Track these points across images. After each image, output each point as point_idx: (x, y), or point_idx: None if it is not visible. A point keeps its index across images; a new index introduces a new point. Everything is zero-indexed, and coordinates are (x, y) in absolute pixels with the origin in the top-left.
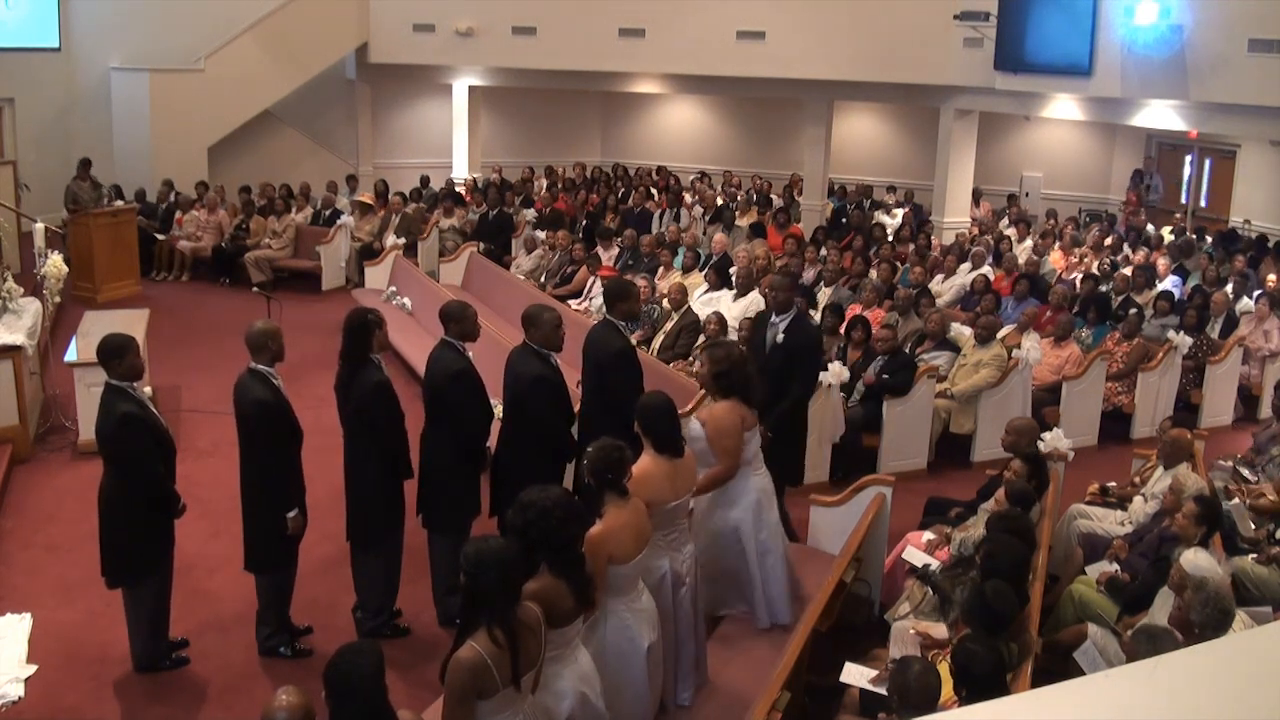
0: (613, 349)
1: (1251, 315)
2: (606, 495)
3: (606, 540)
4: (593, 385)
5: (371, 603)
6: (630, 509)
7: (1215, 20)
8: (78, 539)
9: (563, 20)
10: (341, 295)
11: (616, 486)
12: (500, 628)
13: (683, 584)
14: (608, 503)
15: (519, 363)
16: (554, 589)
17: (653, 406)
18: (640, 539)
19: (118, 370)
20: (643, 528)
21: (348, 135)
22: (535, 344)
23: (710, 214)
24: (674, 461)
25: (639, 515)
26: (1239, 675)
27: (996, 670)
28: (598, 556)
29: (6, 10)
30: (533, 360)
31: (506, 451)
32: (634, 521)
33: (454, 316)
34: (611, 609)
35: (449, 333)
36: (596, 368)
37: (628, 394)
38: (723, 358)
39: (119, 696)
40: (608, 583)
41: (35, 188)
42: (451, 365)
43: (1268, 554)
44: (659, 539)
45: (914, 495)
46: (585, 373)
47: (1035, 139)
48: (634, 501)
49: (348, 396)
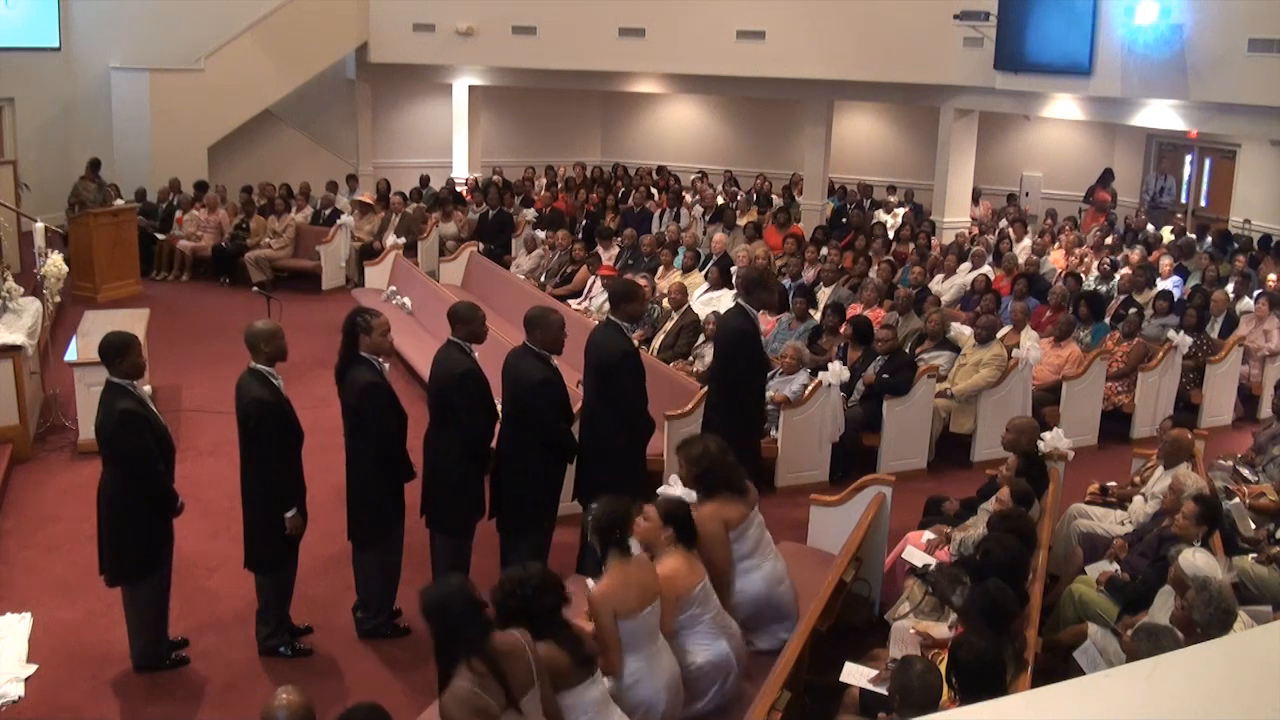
0: (617, 351)
1: (1251, 315)
2: (610, 552)
3: (609, 597)
4: (594, 387)
5: (372, 602)
6: (634, 565)
7: (1215, 20)
8: (78, 539)
9: (563, 20)
10: (341, 295)
11: (621, 544)
12: (477, 657)
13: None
14: (610, 560)
15: (520, 365)
16: (546, 651)
17: (682, 508)
18: (645, 593)
19: (119, 368)
20: (647, 582)
21: (348, 135)
22: (537, 346)
23: (710, 214)
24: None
25: (643, 570)
26: (1239, 675)
27: (992, 664)
28: (602, 614)
29: (6, 10)
30: (534, 363)
31: (508, 453)
32: (637, 576)
33: (463, 317)
34: (629, 667)
35: (456, 333)
36: (600, 370)
37: (631, 396)
38: (699, 456)
39: (119, 696)
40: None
41: (35, 188)
42: (458, 366)
43: (1268, 554)
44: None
45: (914, 495)
46: (587, 374)
47: (1035, 139)
48: (638, 557)
49: (343, 396)
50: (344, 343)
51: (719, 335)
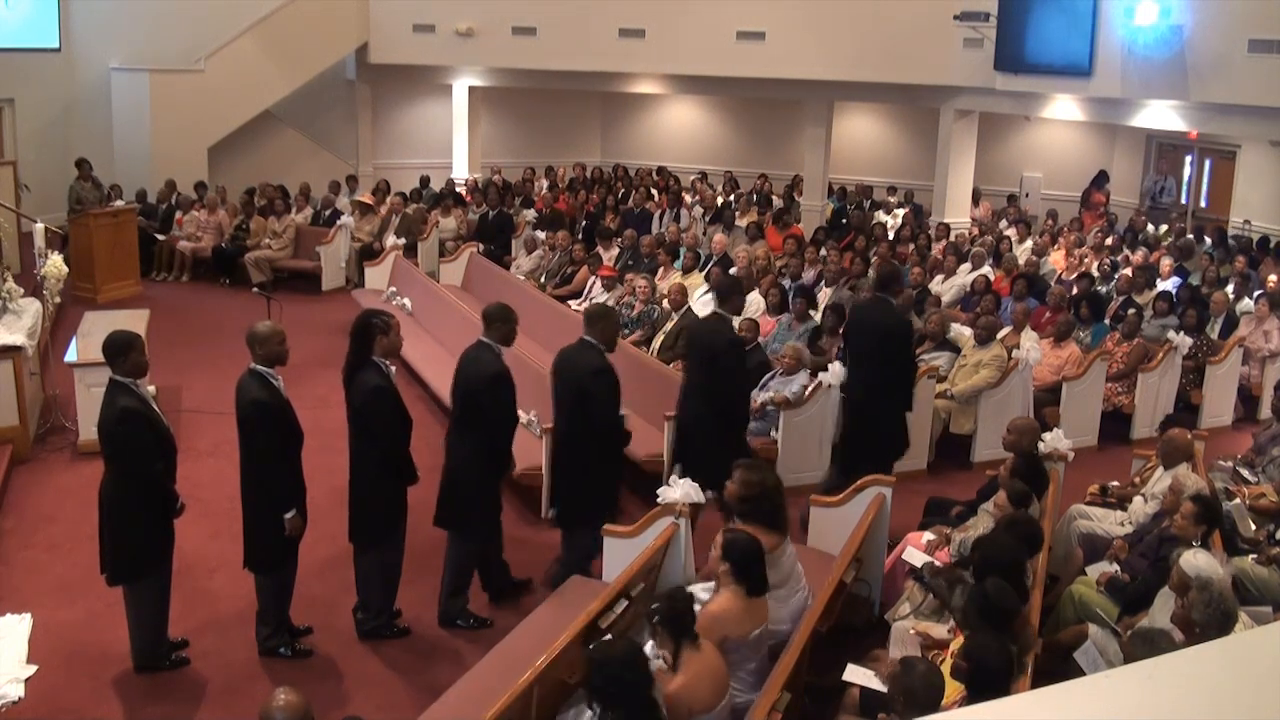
0: (724, 339)
1: (1252, 316)
2: (681, 644)
3: (687, 694)
4: (699, 376)
5: (372, 603)
6: (704, 655)
7: (1215, 20)
8: (78, 539)
9: (563, 20)
10: (341, 296)
11: (689, 633)
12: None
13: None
14: (683, 651)
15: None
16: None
17: (751, 550)
18: (719, 686)
19: (122, 367)
20: (719, 673)
21: (348, 136)
22: (596, 340)
23: (710, 214)
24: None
25: (714, 659)
26: (1239, 675)
27: (1010, 665)
28: (677, 712)
29: (6, 10)
30: (594, 355)
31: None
32: (711, 667)
33: (498, 318)
34: None
35: (489, 334)
36: (709, 356)
37: (738, 382)
38: (754, 483)
39: (119, 696)
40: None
41: (35, 188)
42: (489, 368)
43: (1268, 554)
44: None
45: (914, 495)
46: (691, 363)
47: (1035, 139)
48: (706, 646)
49: (349, 398)
50: (354, 344)
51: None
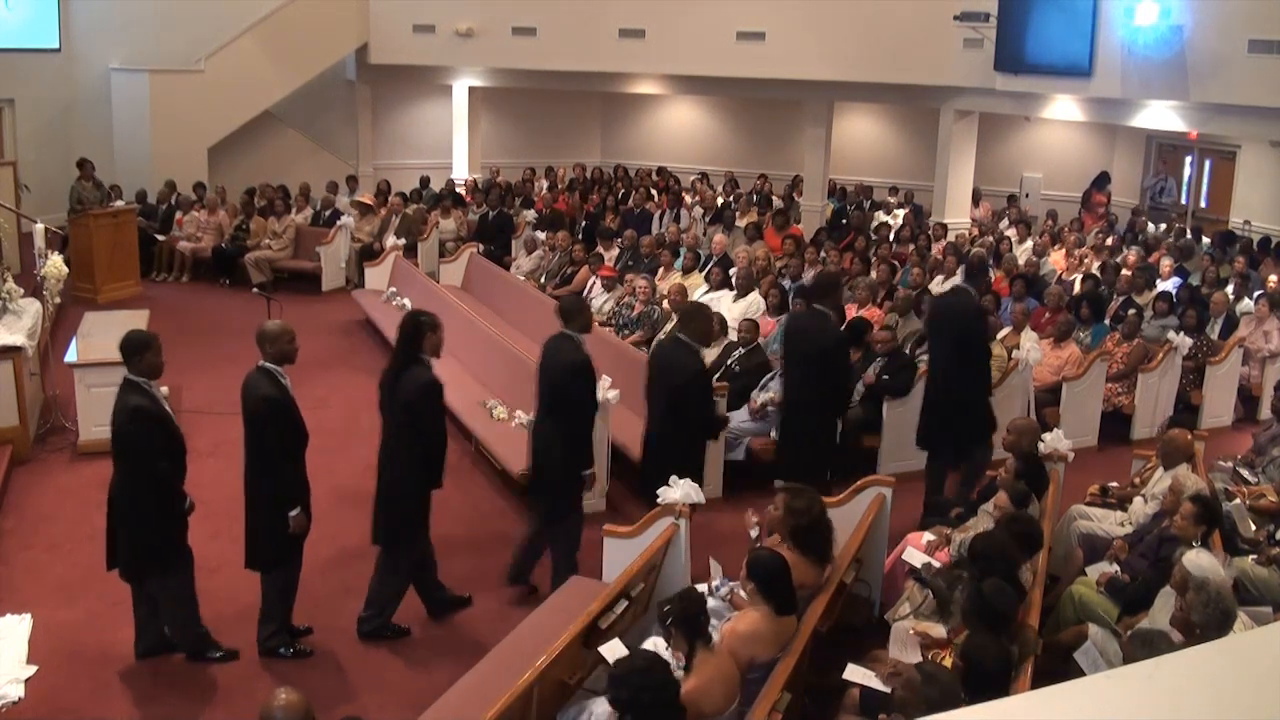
0: (831, 337)
1: (1252, 316)
2: (696, 645)
3: (700, 694)
4: (801, 374)
5: (378, 603)
6: (717, 657)
7: (1215, 21)
8: (78, 539)
9: (563, 21)
10: (341, 296)
11: (703, 635)
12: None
13: None
14: (698, 652)
15: (674, 355)
16: None
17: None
18: (730, 689)
19: (137, 366)
20: (730, 676)
21: (348, 136)
22: (688, 337)
23: (710, 215)
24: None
25: (727, 662)
26: (1239, 675)
27: (1007, 667)
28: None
29: (6, 10)
30: (688, 353)
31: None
32: (724, 669)
33: (576, 309)
34: None
35: (570, 326)
36: (820, 353)
37: (847, 379)
38: (803, 510)
39: (119, 696)
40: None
41: (35, 188)
42: (574, 357)
43: (1268, 555)
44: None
45: (914, 495)
46: (793, 361)
47: (1035, 139)
48: (720, 650)
49: (394, 395)
50: (403, 342)
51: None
